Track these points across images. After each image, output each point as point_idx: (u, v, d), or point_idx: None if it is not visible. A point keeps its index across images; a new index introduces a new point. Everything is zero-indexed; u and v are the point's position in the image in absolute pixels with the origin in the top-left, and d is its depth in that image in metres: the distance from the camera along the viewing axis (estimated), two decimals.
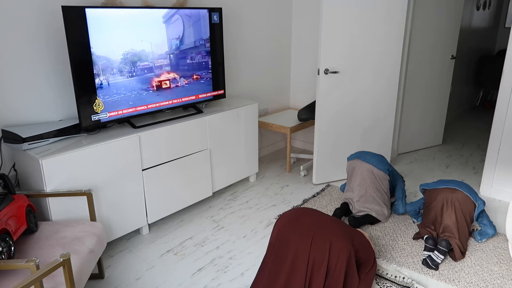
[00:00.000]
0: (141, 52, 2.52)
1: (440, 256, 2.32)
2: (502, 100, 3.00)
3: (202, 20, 2.82)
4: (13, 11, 2.20)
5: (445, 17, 3.86)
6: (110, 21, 2.34)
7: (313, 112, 3.51)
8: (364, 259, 2.10)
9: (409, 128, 4.08)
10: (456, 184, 2.52)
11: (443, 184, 2.56)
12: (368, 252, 2.12)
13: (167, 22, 2.62)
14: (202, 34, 2.85)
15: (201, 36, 2.85)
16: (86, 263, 1.86)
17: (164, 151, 2.66)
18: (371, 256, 2.13)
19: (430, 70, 3.97)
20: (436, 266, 2.31)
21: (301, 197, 3.24)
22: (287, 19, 4.03)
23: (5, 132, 2.22)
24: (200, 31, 2.83)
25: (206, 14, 2.84)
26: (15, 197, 1.92)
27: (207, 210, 3.05)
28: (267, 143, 4.18)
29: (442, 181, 2.59)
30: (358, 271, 2.06)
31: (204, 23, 2.84)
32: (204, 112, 2.97)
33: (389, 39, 3.25)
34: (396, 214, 2.92)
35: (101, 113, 2.44)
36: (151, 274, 2.33)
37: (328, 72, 3.13)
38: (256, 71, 3.85)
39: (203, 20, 2.83)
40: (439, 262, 2.32)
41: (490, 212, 2.97)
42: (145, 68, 2.58)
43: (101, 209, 2.38)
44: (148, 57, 2.57)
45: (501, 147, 3.09)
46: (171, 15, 2.63)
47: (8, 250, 1.67)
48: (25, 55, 2.30)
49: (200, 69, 2.92)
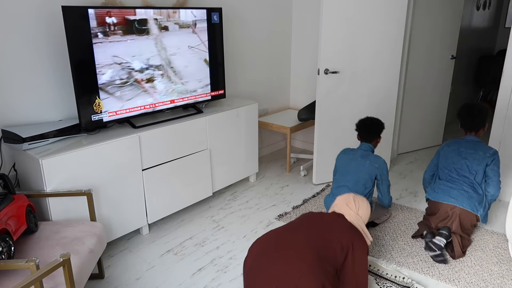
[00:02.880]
0: (141, 52, 2.53)
1: (442, 240, 2.33)
2: (502, 100, 3.00)
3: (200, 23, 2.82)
4: (13, 11, 2.20)
5: (445, 17, 3.86)
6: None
7: (313, 112, 3.51)
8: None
9: (409, 128, 4.08)
10: (456, 198, 2.47)
11: (445, 196, 2.50)
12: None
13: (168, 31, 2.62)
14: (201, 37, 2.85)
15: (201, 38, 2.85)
16: (86, 263, 1.86)
17: (164, 151, 2.66)
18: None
19: (430, 70, 3.97)
20: (439, 248, 2.32)
21: (301, 197, 3.24)
22: (287, 19, 4.03)
23: (5, 132, 2.22)
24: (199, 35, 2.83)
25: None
26: (15, 197, 1.92)
27: (207, 210, 3.05)
28: (267, 143, 4.18)
29: (444, 191, 2.53)
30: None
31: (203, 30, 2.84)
32: (204, 112, 2.97)
33: (389, 39, 3.25)
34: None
35: (101, 113, 2.44)
36: (151, 274, 2.33)
37: (328, 72, 3.13)
38: (256, 71, 3.85)
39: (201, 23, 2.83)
40: (441, 245, 2.32)
41: (490, 212, 2.97)
42: (145, 68, 2.58)
43: (101, 209, 2.38)
44: (148, 57, 2.57)
45: (501, 147, 3.09)
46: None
47: (8, 250, 1.67)
48: (25, 55, 2.30)
49: (200, 69, 2.92)
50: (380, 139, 2.73)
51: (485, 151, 2.51)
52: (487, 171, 2.51)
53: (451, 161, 2.60)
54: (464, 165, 2.54)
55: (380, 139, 2.75)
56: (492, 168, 2.49)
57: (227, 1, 3.38)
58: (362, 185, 2.58)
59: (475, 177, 2.51)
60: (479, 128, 2.59)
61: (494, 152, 2.51)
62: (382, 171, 2.60)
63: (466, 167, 2.53)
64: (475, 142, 2.58)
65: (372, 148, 2.70)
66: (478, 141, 2.58)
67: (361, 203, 2.09)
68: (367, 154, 2.65)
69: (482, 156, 2.50)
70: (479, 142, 2.58)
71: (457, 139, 2.67)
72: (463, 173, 2.54)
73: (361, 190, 2.58)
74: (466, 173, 2.53)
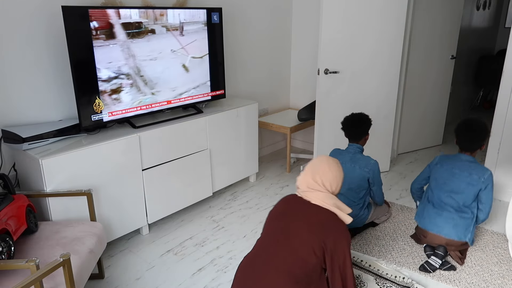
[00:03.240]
0: (141, 52, 2.53)
1: (437, 261, 2.32)
2: (502, 100, 3.00)
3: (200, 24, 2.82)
4: (13, 11, 2.20)
5: (445, 17, 3.86)
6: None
7: (313, 112, 3.51)
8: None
9: (409, 128, 4.08)
10: (442, 227, 2.36)
11: (431, 224, 2.41)
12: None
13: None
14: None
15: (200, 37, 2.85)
16: (86, 263, 1.86)
17: (164, 151, 2.66)
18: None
19: (430, 70, 3.97)
20: (433, 270, 2.31)
21: None
22: (287, 19, 4.03)
23: (5, 132, 2.22)
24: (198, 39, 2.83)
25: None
26: (15, 197, 1.92)
27: (207, 210, 3.05)
28: (267, 143, 4.18)
29: (431, 218, 2.42)
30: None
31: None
32: (204, 112, 2.97)
33: (389, 39, 3.25)
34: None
35: (101, 113, 2.44)
36: (151, 274, 2.33)
37: (328, 72, 3.13)
38: (256, 71, 3.85)
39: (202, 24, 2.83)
40: (436, 266, 2.31)
41: (490, 212, 2.96)
42: (145, 68, 2.58)
43: (101, 209, 2.38)
44: (148, 57, 2.57)
45: (501, 147, 3.09)
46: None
47: (8, 250, 1.67)
48: (25, 55, 2.29)
49: (200, 70, 2.92)
50: (368, 136, 2.61)
51: (480, 175, 2.33)
52: (480, 195, 2.36)
53: (443, 182, 2.42)
54: (456, 189, 2.38)
55: (368, 136, 2.63)
56: (486, 194, 2.35)
57: (227, 1, 3.38)
58: (355, 190, 2.55)
59: (465, 202, 2.37)
60: (477, 149, 2.40)
61: (489, 176, 2.34)
62: (373, 174, 2.52)
63: (458, 190, 2.37)
64: (470, 162, 2.39)
65: (361, 149, 2.59)
66: (473, 162, 2.40)
67: (324, 173, 1.74)
68: (356, 157, 2.55)
69: (477, 181, 2.33)
70: (474, 163, 2.39)
71: (451, 156, 2.48)
72: (453, 196, 2.38)
73: (355, 195, 2.56)
74: (456, 197, 2.37)
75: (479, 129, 2.36)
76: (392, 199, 3.20)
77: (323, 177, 1.73)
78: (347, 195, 2.56)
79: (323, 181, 1.73)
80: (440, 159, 2.53)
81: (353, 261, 2.40)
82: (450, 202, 2.40)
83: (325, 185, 1.74)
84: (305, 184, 1.76)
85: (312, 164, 1.78)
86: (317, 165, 1.77)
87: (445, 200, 2.41)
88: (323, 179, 1.73)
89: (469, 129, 2.37)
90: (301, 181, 1.78)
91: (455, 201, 2.38)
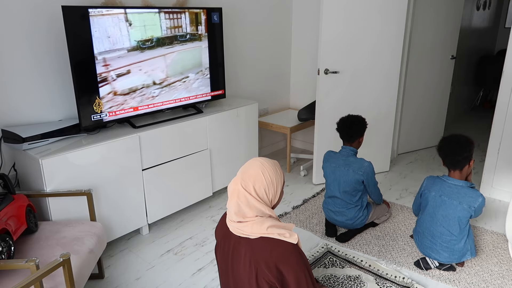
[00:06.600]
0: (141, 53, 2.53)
1: (435, 262, 2.32)
2: (502, 100, 3.00)
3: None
4: (13, 11, 2.20)
5: (445, 17, 3.86)
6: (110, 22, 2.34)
7: (313, 112, 3.51)
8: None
9: (409, 128, 4.08)
10: (436, 254, 2.28)
11: (426, 251, 2.33)
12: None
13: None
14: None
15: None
16: (86, 263, 1.86)
17: (164, 151, 2.66)
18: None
19: (430, 70, 3.97)
20: (427, 269, 2.31)
21: (301, 197, 3.24)
22: (287, 19, 4.03)
23: (5, 132, 2.22)
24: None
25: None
26: (15, 197, 1.92)
27: (207, 210, 3.05)
28: (267, 143, 4.18)
29: (425, 246, 2.33)
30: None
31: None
32: (204, 112, 2.97)
33: (389, 39, 3.25)
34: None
35: (101, 113, 2.44)
36: (151, 274, 2.33)
37: (328, 72, 3.13)
38: (256, 71, 3.85)
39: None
40: (432, 267, 2.31)
41: (490, 212, 2.97)
42: (146, 68, 2.58)
43: (101, 209, 2.38)
44: (148, 57, 2.57)
45: (501, 147, 3.09)
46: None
47: (8, 250, 1.67)
48: (25, 55, 2.29)
49: (200, 70, 2.92)
50: (362, 138, 2.60)
51: (470, 204, 2.17)
52: (470, 220, 2.30)
53: (432, 211, 2.29)
54: (445, 219, 2.24)
55: (363, 139, 2.61)
56: (475, 218, 2.26)
57: (227, 1, 3.38)
58: (351, 193, 2.55)
59: (455, 231, 2.23)
60: (464, 166, 2.23)
61: (480, 203, 2.17)
62: (368, 176, 2.50)
63: (447, 221, 2.23)
64: (460, 188, 2.22)
65: (354, 151, 2.57)
66: (463, 187, 2.22)
67: (257, 178, 1.46)
68: (349, 161, 2.54)
69: (467, 210, 2.17)
70: (464, 188, 2.21)
71: (439, 180, 2.31)
72: (444, 225, 2.24)
73: (351, 198, 2.57)
74: (447, 226, 2.23)
75: (460, 143, 2.22)
76: (392, 199, 3.20)
77: (255, 183, 1.46)
78: (343, 198, 2.57)
79: (255, 188, 1.46)
80: (428, 183, 2.38)
81: (353, 261, 2.40)
82: (441, 230, 2.28)
83: (258, 193, 1.46)
84: (232, 211, 1.48)
85: (243, 168, 1.51)
86: (248, 169, 1.49)
87: (435, 232, 2.30)
88: (256, 186, 1.46)
89: (450, 145, 2.24)
90: (229, 207, 1.51)
91: (447, 232, 2.26)
